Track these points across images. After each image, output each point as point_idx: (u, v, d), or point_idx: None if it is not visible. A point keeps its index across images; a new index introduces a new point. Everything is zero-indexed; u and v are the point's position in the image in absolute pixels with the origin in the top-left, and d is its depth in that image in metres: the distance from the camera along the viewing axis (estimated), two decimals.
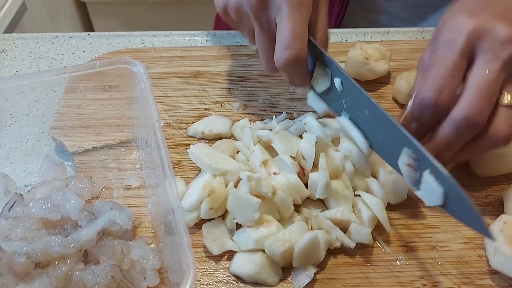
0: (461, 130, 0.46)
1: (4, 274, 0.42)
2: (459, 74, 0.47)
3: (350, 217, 0.48)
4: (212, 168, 0.51)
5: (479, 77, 0.45)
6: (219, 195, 0.49)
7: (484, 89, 0.45)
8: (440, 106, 0.47)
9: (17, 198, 0.48)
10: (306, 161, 0.50)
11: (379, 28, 0.79)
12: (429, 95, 0.46)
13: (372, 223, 0.49)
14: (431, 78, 0.47)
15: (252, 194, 0.48)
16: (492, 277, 0.47)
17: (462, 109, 0.45)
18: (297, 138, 0.53)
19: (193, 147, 0.52)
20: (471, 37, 0.46)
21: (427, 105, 0.47)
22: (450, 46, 0.47)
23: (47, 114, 0.62)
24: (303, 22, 0.50)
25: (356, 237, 0.48)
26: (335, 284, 0.47)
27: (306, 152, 0.50)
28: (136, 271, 0.45)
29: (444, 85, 0.46)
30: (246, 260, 0.47)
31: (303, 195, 0.50)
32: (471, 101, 0.45)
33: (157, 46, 0.76)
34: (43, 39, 0.77)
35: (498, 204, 0.53)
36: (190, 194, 0.51)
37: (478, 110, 0.45)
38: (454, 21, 0.48)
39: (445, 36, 0.48)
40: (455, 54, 0.46)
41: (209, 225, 0.50)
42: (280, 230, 0.47)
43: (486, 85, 0.45)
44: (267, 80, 0.68)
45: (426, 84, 0.47)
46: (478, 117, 0.45)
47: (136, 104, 0.57)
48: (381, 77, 0.67)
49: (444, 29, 0.49)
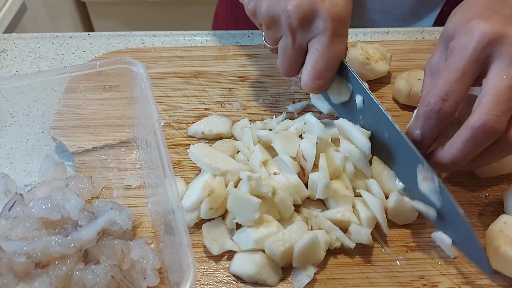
0: (478, 138, 0.44)
1: (4, 274, 0.42)
2: (467, 81, 0.46)
3: (350, 218, 0.48)
4: (212, 168, 0.51)
5: (496, 83, 0.44)
6: (219, 195, 0.49)
7: (502, 95, 0.44)
8: (444, 113, 0.46)
9: (17, 198, 0.48)
10: (306, 161, 0.50)
11: (379, 28, 0.79)
12: (434, 101, 0.46)
13: (371, 223, 0.49)
14: (438, 83, 0.46)
15: (252, 194, 0.48)
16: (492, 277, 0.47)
17: (479, 116, 0.44)
18: (297, 138, 0.53)
19: (193, 147, 0.52)
20: (485, 44, 0.45)
21: (431, 111, 0.46)
22: (461, 52, 0.46)
23: (47, 114, 0.62)
24: (338, 54, 0.51)
25: (356, 238, 0.48)
26: (335, 284, 0.47)
27: (307, 152, 0.50)
28: (136, 271, 0.45)
29: (450, 92, 0.45)
30: (246, 260, 0.47)
31: (303, 195, 0.50)
32: (488, 108, 0.43)
33: (157, 46, 0.76)
34: (43, 39, 0.77)
35: (498, 204, 0.53)
36: (190, 194, 0.51)
37: (496, 117, 0.43)
38: (468, 26, 0.46)
39: (457, 41, 0.47)
40: (465, 61, 0.45)
41: (209, 225, 0.50)
42: (280, 230, 0.47)
43: (503, 91, 0.44)
44: (267, 80, 0.68)
45: (432, 90, 0.47)
46: (497, 124, 0.43)
47: (136, 104, 0.57)
48: (381, 77, 0.67)
49: (457, 34, 0.48)
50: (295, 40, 0.52)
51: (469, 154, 0.46)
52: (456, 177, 0.56)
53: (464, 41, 0.46)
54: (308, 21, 0.50)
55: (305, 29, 0.50)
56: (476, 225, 0.52)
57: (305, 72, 0.52)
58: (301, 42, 0.52)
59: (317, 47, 0.50)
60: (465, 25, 0.47)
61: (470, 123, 0.44)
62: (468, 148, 0.45)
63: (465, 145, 0.45)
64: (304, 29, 0.50)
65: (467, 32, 0.46)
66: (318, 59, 0.50)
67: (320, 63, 0.50)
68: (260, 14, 0.53)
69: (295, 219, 0.50)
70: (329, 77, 0.52)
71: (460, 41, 0.47)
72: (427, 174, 0.46)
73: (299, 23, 0.50)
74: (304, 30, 0.50)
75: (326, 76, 0.52)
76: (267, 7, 0.52)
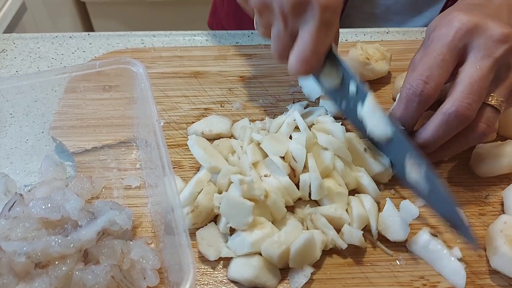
0: (450, 123, 0.47)
1: (4, 274, 0.42)
2: (447, 67, 0.48)
3: (341, 214, 0.48)
4: (204, 160, 0.51)
5: (470, 73, 0.47)
6: (203, 209, 0.49)
7: (474, 85, 0.47)
8: (426, 96, 0.48)
9: (17, 198, 0.47)
10: (296, 162, 0.50)
11: (379, 28, 0.79)
12: (416, 84, 0.48)
13: (362, 222, 0.49)
14: (419, 68, 0.49)
15: (244, 197, 0.47)
16: (492, 277, 0.47)
17: (452, 103, 0.47)
18: (286, 139, 0.53)
19: (194, 136, 0.52)
20: (464, 33, 0.48)
21: (413, 93, 0.49)
22: (441, 40, 0.49)
23: (47, 114, 0.62)
24: (327, 42, 0.52)
25: (348, 239, 0.48)
26: (335, 283, 0.47)
27: (297, 153, 0.50)
28: (136, 271, 0.45)
29: (431, 76, 0.48)
30: (243, 265, 0.46)
31: (294, 196, 0.50)
32: (461, 96, 0.47)
33: (157, 46, 0.76)
34: (43, 39, 0.77)
35: (498, 204, 0.53)
36: (184, 190, 0.51)
37: (467, 105, 0.46)
38: (448, 18, 0.49)
39: (438, 31, 0.50)
40: (445, 47, 0.48)
41: (203, 231, 0.49)
42: (274, 230, 0.47)
43: (476, 81, 0.47)
44: (267, 80, 0.68)
45: (413, 74, 0.49)
46: (467, 111, 0.47)
47: (136, 104, 0.57)
48: (381, 77, 0.67)
49: (438, 25, 0.50)
50: (287, 25, 0.52)
51: (440, 137, 0.49)
52: (456, 177, 0.56)
53: (444, 31, 0.49)
54: (300, 8, 0.50)
55: (296, 15, 0.51)
56: (476, 225, 0.52)
57: (292, 56, 0.53)
58: (293, 28, 0.52)
59: (305, 33, 0.51)
60: (445, 18, 0.50)
61: (444, 109, 0.47)
62: (440, 132, 0.48)
63: (438, 129, 0.48)
64: (296, 15, 0.51)
65: (447, 23, 0.49)
66: (305, 45, 0.51)
67: (307, 48, 0.51)
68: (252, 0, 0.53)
69: (288, 220, 0.50)
70: (315, 62, 0.52)
71: (440, 31, 0.49)
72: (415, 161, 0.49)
73: (291, 9, 0.50)
74: (296, 16, 0.51)
75: (312, 60, 0.52)
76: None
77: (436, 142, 0.50)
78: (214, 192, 0.50)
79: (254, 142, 0.54)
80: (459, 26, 0.48)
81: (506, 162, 0.54)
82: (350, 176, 0.52)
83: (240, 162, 0.53)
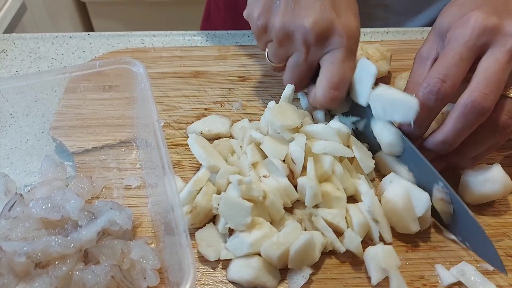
0: (468, 114, 0.47)
1: (4, 274, 0.42)
2: (464, 66, 0.48)
3: (339, 223, 0.48)
4: (203, 158, 0.51)
5: (487, 66, 0.47)
6: (201, 210, 0.49)
7: (492, 76, 0.46)
8: (443, 94, 0.48)
9: (17, 198, 0.47)
10: (295, 164, 0.50)
11: (379, 28, 0.79)
12: (433, 82, 0.48)
13: (363, 230, 0.48)
14: (437, 67, 0.48)
15: (242, 198, 0.47)
16: (492, 277, 0.47)
17: (469, 95, 0.46)
18: (286, 141, 0.53)
19: (194, 135, 0.52)
20: (481, 32, 0.48)
21: (430, 92, 0.48)
22: (458, 39, 0.48)
23: (47, 114, 0.62)
24: (353, 69, 0.54)
25: (348, 245, 0.48)
26: (335, 284, 0.47)
27: (296, 155, 0.50)
28: (136, 271, 0.45)
29: (448, 74, 0.48)
30: (243, 266, 0.46)
31: (293, 198, 0.50)
32: (478, 87, 0.46)
33: (157, 46, 0.76)
34: (43, 39, 0.77)
35: (498, 204, 0.53)
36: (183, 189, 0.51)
37: (484, 95, 0.46)
38: (465, 17, 0.49)
39: (454, 31, 0.49)
40: (462, 47, 0.48)
41: (202, 232, 0.49)
42: (273, 230, 0.47)
43: (494, 73, 0.46)
44: (267, 80, 0.68)
45: (431, 74, 0.49)
46: (484, 102, 0.46)
47: (136, 104, 0.57)
48: (381, 77, 0.67)
49: (453, 26, 0.50)
50: (308, 55, 0.54)
51: (460, 131, 0.48)
52: None
53: (461, 31, 0.49)
54: (325, 38, 0.52)
55: (320, 45, 0.53)
56: None
57: (320, 85, 0.54)
58: (313, 58, 0.54)
59: (333, 61, 0.53)
60: (461, 18, 0.49)
61: (461, 101, 0.47)
62: (459, 125, 0.47)
63: (456, 122, 0.47)
64: (320, 45, 0.53)
65: (464, 22, 0.49)
66: (334, 72, 0.53)
67: (336, 75, 0.53)
68: (273, 30, 0.54)
69: (286, 220, 0.50)
70: (344, 89, 0.54)
71: (457, 31, 0.49)
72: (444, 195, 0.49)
73: (316, 39, 0.52)
74: (320, 45, 0.53)
75: (342, 88, 0.54)
76: (282, 23, 0.53)
77: (457, 137, 0.48)
78: (212, 193, 0.50)
79: (254, 143, 0.54)
80: (477, 25, 0.48)
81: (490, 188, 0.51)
82: (349, 181, 0.52)
83: (239, 162, 0.53)
